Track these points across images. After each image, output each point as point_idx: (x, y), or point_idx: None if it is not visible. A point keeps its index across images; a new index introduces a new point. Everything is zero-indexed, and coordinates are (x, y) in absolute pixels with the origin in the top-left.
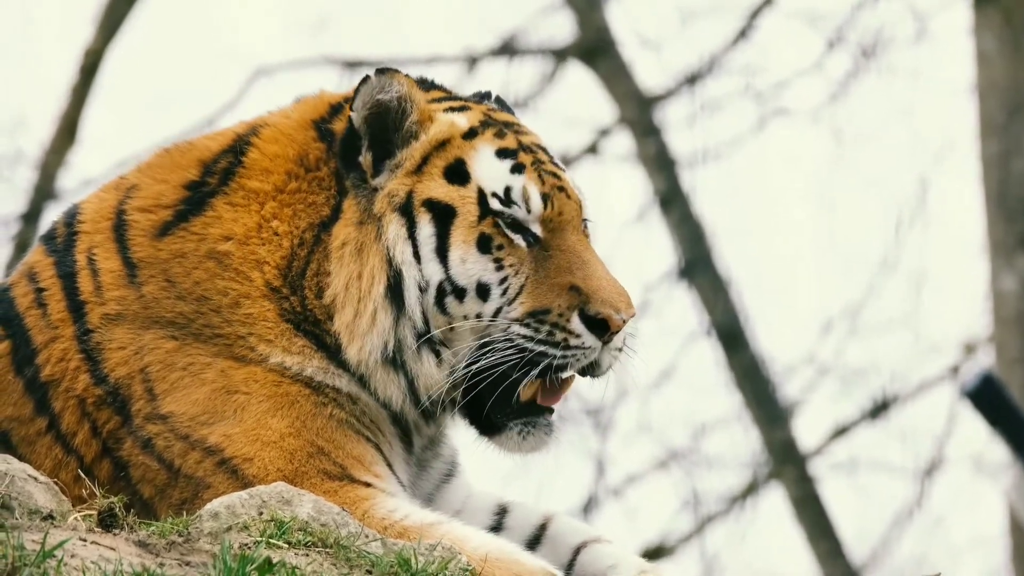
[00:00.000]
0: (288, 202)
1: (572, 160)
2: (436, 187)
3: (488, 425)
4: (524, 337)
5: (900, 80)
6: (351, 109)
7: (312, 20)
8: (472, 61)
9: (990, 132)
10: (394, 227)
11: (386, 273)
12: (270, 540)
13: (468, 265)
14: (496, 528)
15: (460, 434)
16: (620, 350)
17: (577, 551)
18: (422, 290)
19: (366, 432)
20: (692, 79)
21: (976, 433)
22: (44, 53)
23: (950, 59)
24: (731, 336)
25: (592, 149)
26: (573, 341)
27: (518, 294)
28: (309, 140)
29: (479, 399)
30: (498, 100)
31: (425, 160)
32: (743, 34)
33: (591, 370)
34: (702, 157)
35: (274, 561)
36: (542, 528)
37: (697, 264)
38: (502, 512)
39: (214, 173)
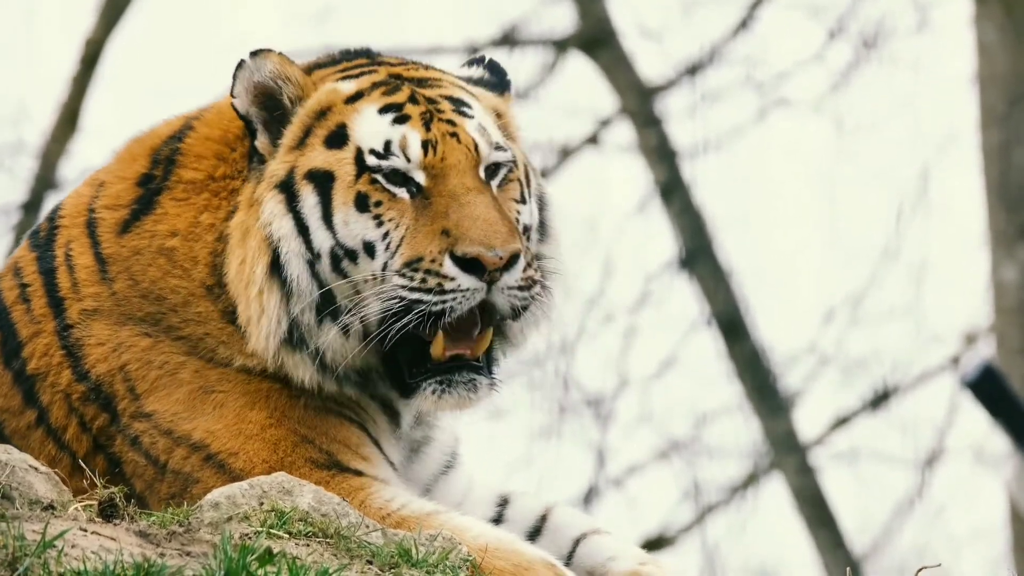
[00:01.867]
0: (217, 190)
1: (573, 150)
2: (316, 157)
3: (404, 386)
4: (401, 287)
5: (901, 71)
6: (232, 96)
7: (313, 10)
8: (473, 51)
9: (991, 123)
10: (270, 204)
11: (267, 253)
12: (271, 530)
13: (351, 226)
14: (497, 519)
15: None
16: (524, 288)
17: (577, 542)
18: (310, 261)
19: (348, 412)
20: (693, 70)
21: (977, 424)
22: (45, 43)
23: (951, 50)
24: (732, 326)
25: (593, 139)
26: (448, 285)
27: (399, 246)
28: (234, 117)
29: (394, 361)
30: (490, 64)
31: (307, 133)
32: (744, 25)
33: (492, 314)
34: (703, 147)
35: (275, 551)
36: (543, 519)
37: (698, 254)
38: (503, 503)
39: (159, 163)
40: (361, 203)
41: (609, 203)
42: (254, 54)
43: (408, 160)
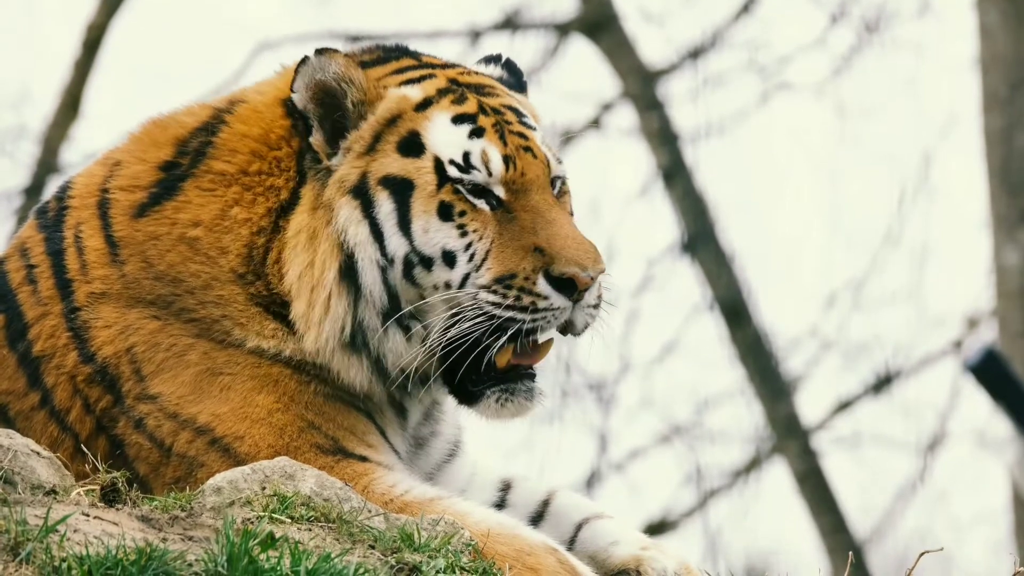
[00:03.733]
0: (250, 185)
1: (575, 134)
2: (391, 163)
3: (466, 394)
4: (492, 304)
5: (903, 54)
6: (292, 91)
7: None
8: (475, 35)
9: (993, 106)
10: (345, 211)
11: (338, 258)
12: (273, 515)
13: (431, 234)
14: (499, 504)
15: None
16: (595, 307)
17: (579, 527)
18: (383, 268)
19: (356, 401)
20: (695, 53)
21: (979, 407)
22: (47, 27)
23: (953, 33)
24: (734, 310)
25: (595, 123)
26: (541, 304)
27: (484, 259)
28: (276, 118)
29: (455, 368)
30: (507, 64)
31: (377, 138)
32: (746, 8)
33: (568, 329)
34: (705, 131)
35: (277, 536)
36: (545, 504)
37: (700, 238)
38: (506, 488)
39: (187, 153)
40: (445, 212)
41: (611, 187)
42: (319, 53)
43: (490, 175)
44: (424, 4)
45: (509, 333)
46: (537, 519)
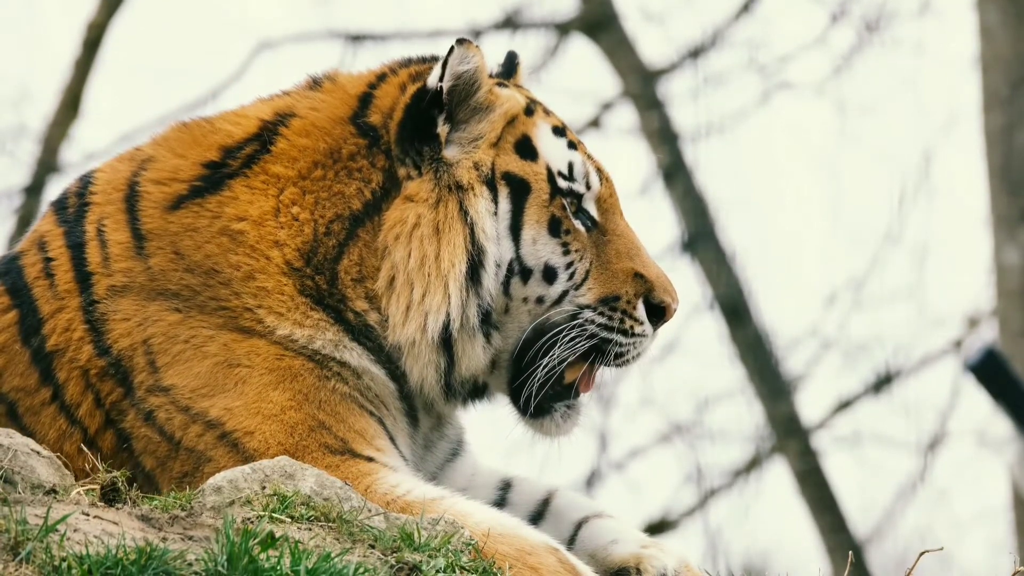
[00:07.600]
0: (310, 189)
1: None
2: (511, 161)
3: (534, 408)
4: (599, 325)
5: (903, 54)
6: (441, 80)
7: None
8: (476, 35)
9: (993, 105)
10: (483, 202)
11: (468, 251)
12: (273, 515)
13: (538, 247)
14: (500, 503)
15: (467, 413)
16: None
17: (579, 526)
18: (499, 267)
19: (369, 406)
20: (696, 52)
21: (979, 407)
22: (47, 26)
23: (954, 32)
24: (734, 309)
25: (595, 123)
26: (637, 328)
27: (584, 279)
28: (347, 135)
29: (526, 381)
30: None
31: (500, 134)
32: (747, 7)
33: (627, 358)
34: (706, 130)
35: (277, 536)
36: (545, 503)
37: (700, 237)
38: (506, 487)
39: (236, 158)
40: (554, 227)
41: None
42: (460, 42)
43: (588, 188)
44: (424, 4)
45: (606, 354)
46: (537, 518)
